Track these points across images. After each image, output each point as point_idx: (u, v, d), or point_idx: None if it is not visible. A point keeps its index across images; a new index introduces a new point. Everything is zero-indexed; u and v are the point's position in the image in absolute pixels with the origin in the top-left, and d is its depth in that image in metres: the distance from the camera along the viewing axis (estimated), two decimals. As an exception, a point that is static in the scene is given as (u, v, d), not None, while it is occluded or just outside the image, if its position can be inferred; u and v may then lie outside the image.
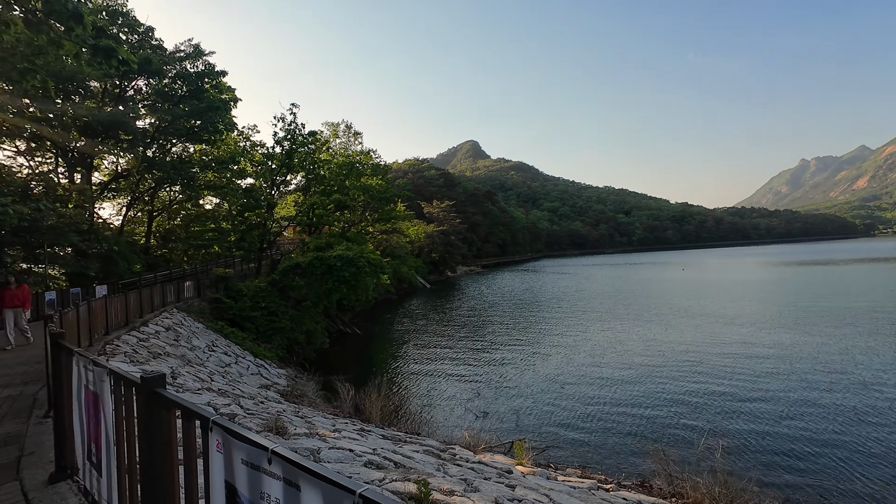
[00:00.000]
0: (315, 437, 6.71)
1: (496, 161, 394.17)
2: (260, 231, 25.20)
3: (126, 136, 21.26)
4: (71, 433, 3.08)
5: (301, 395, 14.83)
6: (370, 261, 23.08)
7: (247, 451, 1.33)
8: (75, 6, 7.25)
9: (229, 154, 27.90)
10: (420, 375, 19.20)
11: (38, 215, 13.98)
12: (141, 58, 21.17)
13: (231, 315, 21.64)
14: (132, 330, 12.77)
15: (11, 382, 6.50)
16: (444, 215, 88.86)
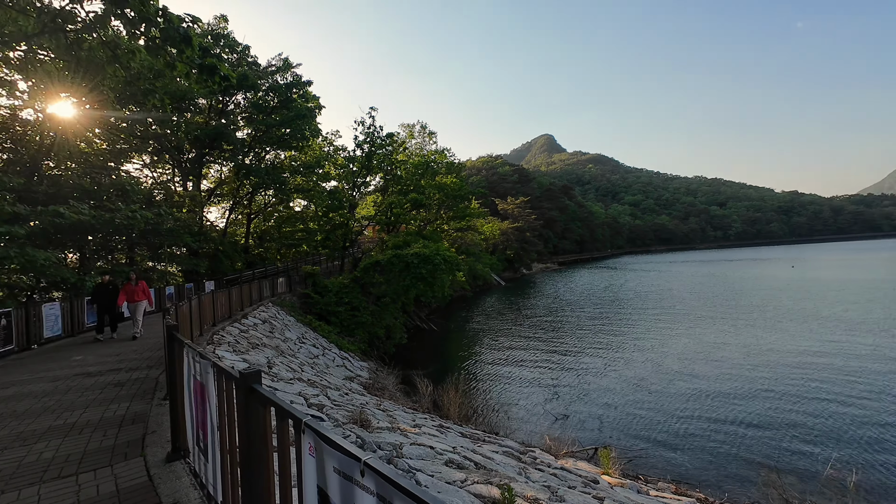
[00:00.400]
0: (397, 432, 6.83)
1: (572, 154, 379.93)
2: (343, 230, 26.59)
3: (228, 146, 23.55)
4: (183, 418, 3.35)
5: (382, 388, 15.36)
6: (446, 258, 23.32)
7: (339, 459, 1.27)
8: (186, 31, 8.07)
9: (315, 159, 29.81)
10: (496, 374, 19.01)
11: (160, 219, 15.93)
12: (239, 74, 23.28)
13: (318, 309, 23.10)
14: (234, 322, 14.08)
15: (139, 367, 7.40)
16: (518, 212, 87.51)
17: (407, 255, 23.55)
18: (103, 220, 13.05)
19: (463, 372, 19.89)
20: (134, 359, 8.13)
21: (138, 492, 3.02)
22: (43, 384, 6.44)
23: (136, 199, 15.33)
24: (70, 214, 11.19)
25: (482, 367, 20.39)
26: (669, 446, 11.23)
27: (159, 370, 7.04)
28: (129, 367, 7.41)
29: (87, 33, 10.01)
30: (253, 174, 24.60)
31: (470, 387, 17.35)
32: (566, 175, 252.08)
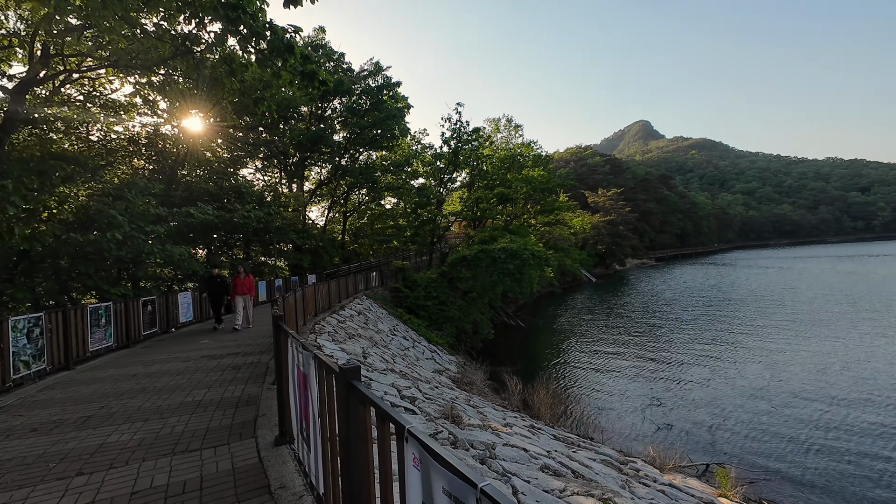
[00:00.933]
0: (488, 430, 6.68)
1: (672, 140, 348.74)
2: (431, 226, 27.14)
3: (326, 149, 25.25)
4: (289, 404, 3.48)
5: (470, 383, 15.35)
6: (534, 253, 22.67)
7: (449, 480, 1.10)
8: (289, 41, 8.68)
9: (404, 157, 30.81)
10: (588, 375, 18.05)
11: (270, 218, 17.54)
12: (335, 80, 24.80)
13: (408, 303, 23.85)
14: (333, 313, 15.02)
15: (252, 352, 8.12)
16: (610, 204, 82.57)
17: (494, 250, 23.32)
18: (224, 219, 14.71)
19: (552, 371, 19.21)
20: (249, 344, 8.98)
21: (250, 472, 3.19)
22: (177, 363, 7.34)
23: (250, 200, 17.05)
24: (198, 215, 12.75)
25: (572, 367, 19.50)
26: (802, 468, 9.69)
27: (269, 356, 7.65)
28: (244, 351, 8.18)
29: (209, 53, 11.23)
30: (348, 174, 26.09)
31: (560, 387, 16.69)
32: (664, 163, 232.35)
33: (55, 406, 5.17)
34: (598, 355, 20.85)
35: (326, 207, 32.89)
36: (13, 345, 5.98)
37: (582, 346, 22.90)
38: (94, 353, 8.11)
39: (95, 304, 8.16)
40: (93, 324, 8.03)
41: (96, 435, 4.11)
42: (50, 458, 3.63)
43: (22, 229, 7.87)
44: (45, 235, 8.54)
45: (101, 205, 10.10)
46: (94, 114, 14.79)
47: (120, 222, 9.94)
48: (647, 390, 15.78)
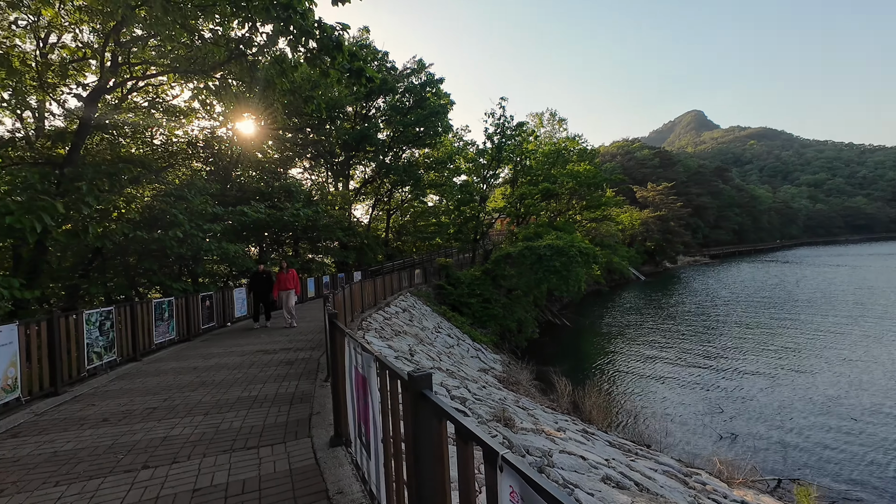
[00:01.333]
0: (542, 435, 6.40)
1: (727, 130, 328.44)
2: (474, 223, 26.89)
3: (370, 147, 25.58)
4: (345, 405, 3.38)
5: (516, 383, 15.02)
6: (581, 250, 21.92)
7: (570, 531, 0.87)
8: (338, 38, 8.73)
9: (447, 154, 30.72)
10: (640, 377, 17.22)
11: (317, 216, 17.94)
12: (379, 80, 25.07)
13: (451, 300, 23.77)
14: (378, 310, 15.16)
15: (304, 347, 8.23)
16: (660, 199, 78.87)
17: (539, 246, 22.76)
18: (275, 217, 15.17)
19: (601, 372, 18.52)
20: (300, 339, 9.14)
21: (307, 474, 3.11)
22: (234, 357, 7.55)
23: (299, 198, 17.53)
24: (251, 213, 13.19)
25: (623, 369, 18.68)
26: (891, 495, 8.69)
27: (320, 352, 7.73)
28: (296, 346, 8.31)
29: (261, 55, 11.53)
30: (392, 171, 26.30)
31: (611, 390, 16.05)
32: (719, 155, 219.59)
33: (123, 397, 5.39)
34: (649, 357, 19.88)
35: (371, 205, 33.40)
36: (87, 337, 6.33)
37: (632, 348, 21.93)
38: (158, 345, 8.52)
39: (160, 299, 8.57)
40: (157, 317, 8.43)
41: (160, 427, 4.21)
42: (119, 449, 3.74)
43: (95, 228, 8.36)
44: (115, 233, 9.05)
45: (164, 204, 10.64)
46: (157, 119, 15.67)
47: (181, 221, 10.41)
48: (705, 396, 14.86)
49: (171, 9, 9.72)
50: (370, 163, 27.89)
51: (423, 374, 1.69)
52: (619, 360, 20.26)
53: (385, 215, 35.37)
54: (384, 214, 35.51)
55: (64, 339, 5.84)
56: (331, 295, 7.81)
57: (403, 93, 27.25)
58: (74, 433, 4.18)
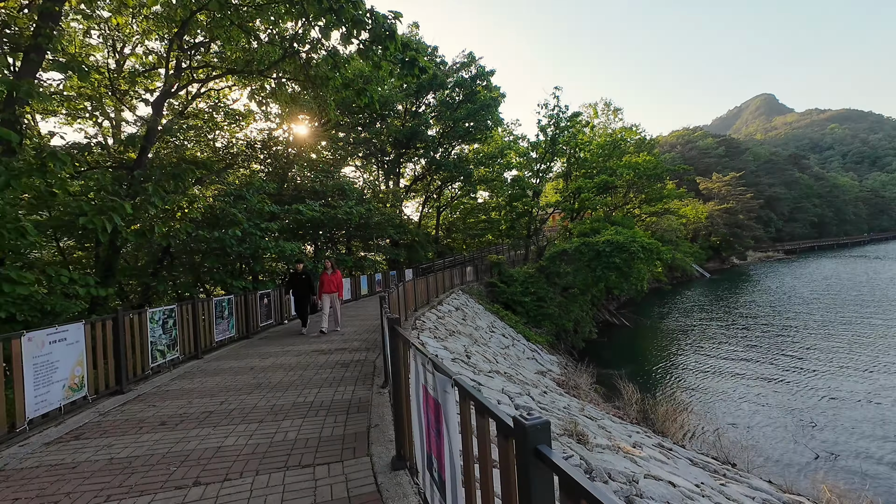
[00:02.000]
0: (619, 453, 5.70)
1: (803, 114, 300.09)
2: (527, 219, 26.01)
3: (421, 144, 25.39)
4: (408, 425, 2.94)
5: (576, 387, 14.18)
6: (644, 245, 20.48)
7: None
8: (391, 25, 8.41)
9: (497, 149, 30.01)
10: (711, 382, 15.80)
11: (370, 214, 17.92)
12: (432, 71, 24.84)
13: (504, 299, 23.10)
14: (431, 308, 14.84)
15: (359, 348, 7.99)
16: (727, 190, 73.44)
17: (597, 242, 21.55)
18: (329, 215, 15.26)
19: (666, 376, 17.21)
20: (355, 340, 8.94)
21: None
22: (290, 357, 7.42)
23: (352, 196, 17.60)
24: (307, 211, 13.29)
25: (690, 373, 17.23)
26: None
27: (375, 353, 7.44)
28: (351, 347, 8.09)
29: (314, 52, 11.49)
30: (442, 167, 25.98)
31: (680, 396, 14.82)
32: (794, 141, 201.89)
33: (182, 398, 5.32)
34: (720, 361, 18.25)
35: (421, 203, 33.36)
36: (150, 335, 6.39)
37: (699, 350, 20.29)
38: (218, 342, 8.62)
39: (220, 297, 8.67)
40: (217, 315, 8.52)
41: (215, 436, 3.99)
42: (172, 459, 3.54)
43: (160, 227, 8.57)
44: (179, 233, 9.28)
45: (224, 204, 10.85)
46: (218, 123, 16.26)
47: (240, 220, 10.57)
48: (790, 406, 13.33)
49: (228, 8, 9.82)
50: (420, 160, 27.73)
51: (538, 422, 1.18)
52: (686, 363, 18.77)
53: (435, 212, 35.21)
54: (434, 212, 35.36)
55: (128, 337, 5.89)
56: (386, 295, 7.49)
57: (453, 87, 26.82)
58: (132, 437, 4.07)
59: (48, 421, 4.52)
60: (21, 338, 4.21)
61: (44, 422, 4.48)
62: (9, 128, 6.21)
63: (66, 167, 6.53)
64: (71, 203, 7.53)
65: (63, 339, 4.72)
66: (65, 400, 4.73)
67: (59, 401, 4.66)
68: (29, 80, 6.39)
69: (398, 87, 22.77)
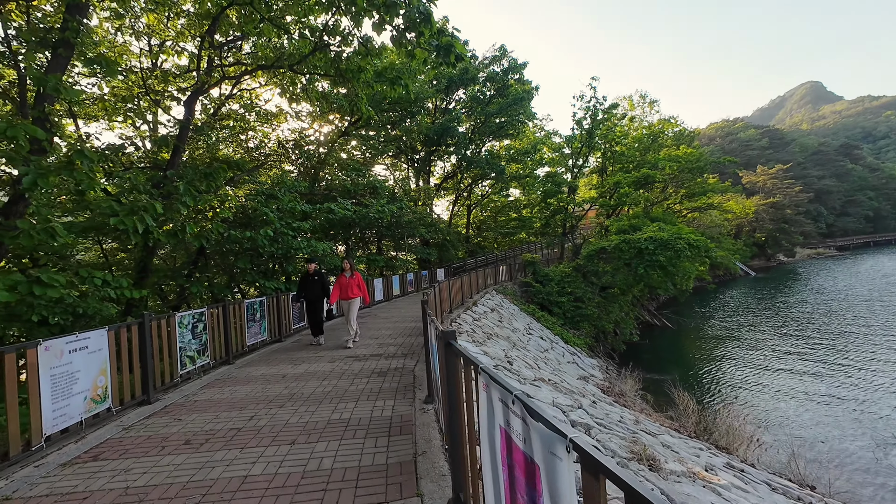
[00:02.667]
0: (697, 482, 4.92)
1: (854, 102, 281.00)
2: (562, 215, 25.00)
3: (452, 140, 24.81)
4: (469, 463, 2.33)
5: (621, 394, 13.26)
6: (691, 242, 19.18)
7: None
8: (426, 8, 7.86)
9: (529, 144, 29.12)
10: (768, 390, 14.56)
11: (401, 213, 17.49)
12: (460, 69, 24.26)
13: (540, 299, 22.24)
14: (466, 309, 14.24)
15: (396, 354, 7.48)
16: (773, 183, 69.46)
17: (639, 239, 20.38)
18: (361, 214, 14.90)
19: (717, 383, 16.01)
20: (390, 344, 8.44)
21: (425, 572, 2.11)
22: (323, 364, 6.98)
23: (383, 195, 17.21)
24: (339, 210, 12.95)
25: (744, 380, 15.92)
26: None
27: (413, 360, 6.91)
28: (388, 353, 7.58)
29: (345, 44, 11.08)
30: (474, 164, 25.33)
31: (736, 405, 13.67)
32: (844, 130, 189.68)
33: (210, 410, 4.92)
34: (776, 367, 16.87)
35: (451, 201, 32.82)
36: (179, 340, 6.06)
37: (750, 354, 18.91)
38: (251, 346, 8.30)
39: (251, 299, 8.34)
40: (249, 318, 8.20)
41: (242, 461, 3.52)
42: (192, 490, 3.07)
43: (192, 227, 8.32)
44: (210, 233, 9.04)
45: (256, 203, 10.60)
46: (251, 123, 16.20)
47: (272, 219, 10.28)
48: (867, 420, 11.99)
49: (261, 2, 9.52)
50: (451, 156, 27.16)
51: None
52: (736, 368, 17.45)
53: (465, 211, 34.61)
54: (464, 210, 34.77)
55: (156, 343, 5.56)
56: (424, 294, 6.93)
57: (484, 82, 26.11)
58: (153, 460, 3.64)
59: (68, 436, 4.18)
60: (37, 347, 3.87)
61: (63, 437, 4.14)
62: (38, 125, 6.02)
63: (95, 165, 6.29)
64: (102, 204, 7.35)
65: (84, 348, 4.38)
66: (86, 413, 4.39)
67: (81, 414, 4.32)
68: (57, 75, 6.18)
69: (428, 83, 22.28)
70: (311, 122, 19.47)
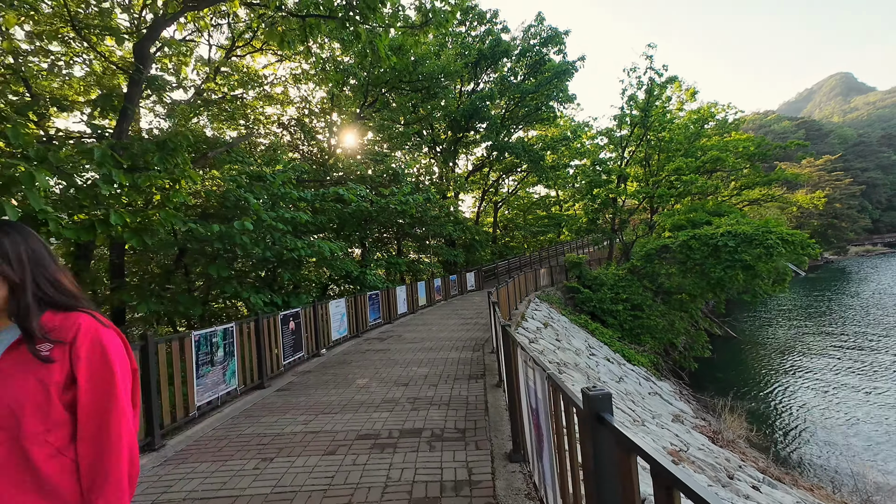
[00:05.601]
0: None
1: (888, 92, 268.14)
2: (613, 210, 21.49)
3: (480, 124, 21.58)
4: None
5: (731, 442, 9.83)
6: (784, 237, 15.54)
7: None
8: None
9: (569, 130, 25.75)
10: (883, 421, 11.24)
11: (427, 206, 14.34)
12: (490, 44, 21.06)
13: (590, 307, 18.78)
14: (517, 326, 10.95)
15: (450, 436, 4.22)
16: (818, 176, 64.15)
17: (713, 235, 16.79)
18: (380, 206, 11.82)
19: (825, 415, 12.61)
20: (433, 402, 5.23)
21: None
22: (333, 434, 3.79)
23: (406, 182, 14.09)
24: (350, 195, 9.78)
25: (846, 406, 12.74)
26: None
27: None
28: (434, 428, 4.36)
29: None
30: (507, 150, 22.03)
31: (867, 447, 10.25)
32: (880, 122, 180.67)
33: None
34: (874, 384, 13.69)
35: (478, 198, 29.63)
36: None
37: (837, 370, 15.74)
38: (204, 407, 5.19)
39: (203, 332, 5.18)
40: (201, 360, 5.08)
41: None
42: None
43: (120, 217, 5.25)
44: (157, 225, 5.97)
45: (232, 185, 7.52)
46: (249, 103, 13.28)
47: (253, 205, 7.19)
48: None
49: None
50: (479, 145, 23.91)
51: None
52: (837, 391, 14.20)
53: (492, 208, 31.37)
54: (491, 207, 31.54)
55: None
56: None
57: (518, 58, 22.76)
58: None
59: None
60: None
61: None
62: None
63: None
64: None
65: None
66: None
67: None
68: None
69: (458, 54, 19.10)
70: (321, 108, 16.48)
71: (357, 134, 17.22)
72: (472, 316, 12.57)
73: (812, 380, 15.40)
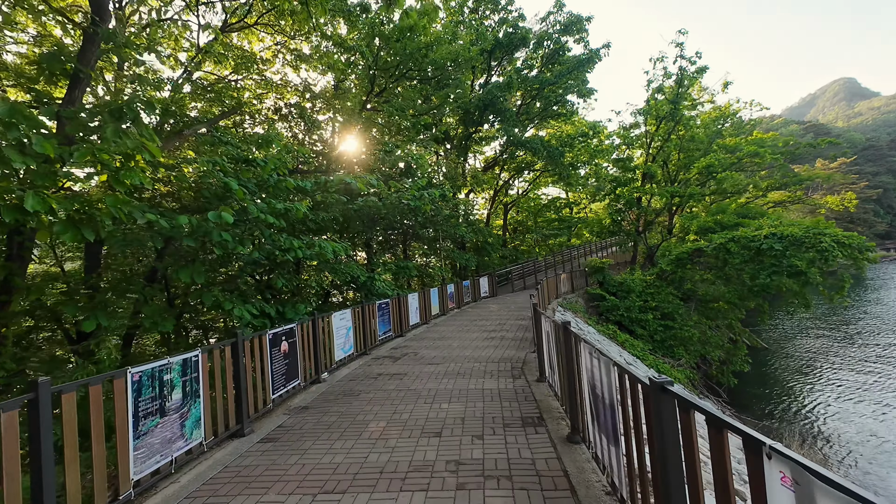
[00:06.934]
0: None
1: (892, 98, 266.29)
2: (639, 210, 19.88)
3: (495, 117, 20.05)
4: None
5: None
6: (840, 240, 13.94)
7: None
8: None
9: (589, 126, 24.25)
10: None
11: (441, 204, 12.77)
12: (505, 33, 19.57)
13: (616, 316, 17.14)
14: (550, 341, 9.40)
15: None
16: (835, 179, 62.38)
17: (755, 237, 15.18)
18: (391, 201, 10.27)
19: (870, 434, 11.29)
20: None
21: None
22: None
23: (420, 175, 12.53)
24: (359, 184, 8.19)
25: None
26: None
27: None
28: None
29: None
30: (525, 146, 20.45)
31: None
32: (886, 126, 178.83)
33: None
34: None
35: (489, 198, 28.06)
36: None
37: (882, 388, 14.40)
38: (145, 479, 3.60)
39: (151, 365, 3.59)
40: (140, 411, 3.50)
41: None
42: None
43: (43, 200, 3.67)
44: (103, 216, 4.39)
45: (210, 168, 5.95)
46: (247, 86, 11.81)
47: (236, 192, 5.62)
48: None
49: None
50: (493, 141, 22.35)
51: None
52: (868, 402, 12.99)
53: (502, 210, 29.82)
54: (501, 209, 29.99)
55: None
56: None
57: (536, 47, 21.20)
58: None
59: None
60: None
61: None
62: None
63: None
64: None
65: None
66: None
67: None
68: None
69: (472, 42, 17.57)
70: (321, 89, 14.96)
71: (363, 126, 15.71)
72: (495, 328, 10.93)
73: (855, 395, 14.10)
